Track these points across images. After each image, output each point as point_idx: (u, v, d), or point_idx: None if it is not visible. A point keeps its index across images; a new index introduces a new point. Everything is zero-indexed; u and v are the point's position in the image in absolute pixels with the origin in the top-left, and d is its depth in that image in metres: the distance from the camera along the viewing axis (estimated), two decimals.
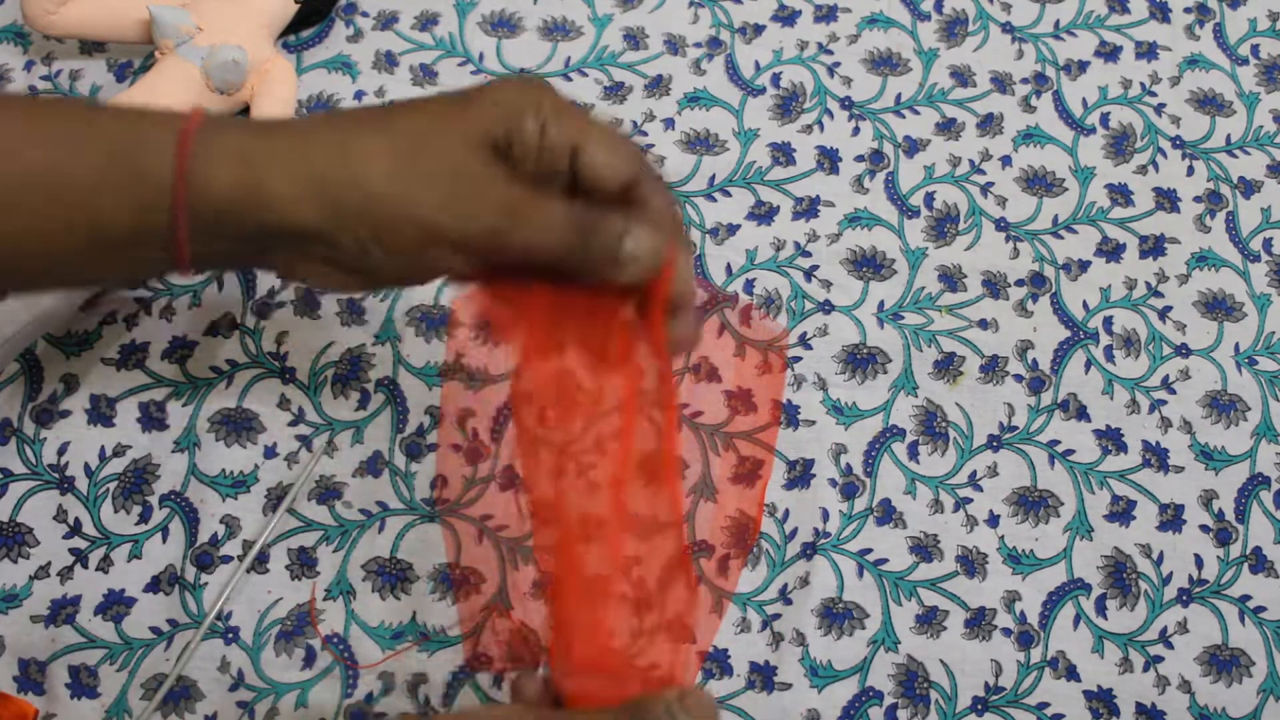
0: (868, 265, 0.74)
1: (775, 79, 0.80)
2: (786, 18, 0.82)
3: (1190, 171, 0.77)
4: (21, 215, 0.38)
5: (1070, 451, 0.69)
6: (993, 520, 0.68)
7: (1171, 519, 0.68)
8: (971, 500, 0.68)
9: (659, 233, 0.41)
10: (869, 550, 0.67)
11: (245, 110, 0.74)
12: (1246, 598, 0.67)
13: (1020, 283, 0.73)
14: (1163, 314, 0.73)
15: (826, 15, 0.82)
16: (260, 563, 0.65)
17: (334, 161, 0.38)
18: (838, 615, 0.66)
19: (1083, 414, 0.70)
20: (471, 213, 0.39)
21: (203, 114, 0.39)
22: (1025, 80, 0.80)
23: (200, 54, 0.70)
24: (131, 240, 0.39)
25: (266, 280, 0.72)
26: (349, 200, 0.38)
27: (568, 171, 0.42)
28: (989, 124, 0.78)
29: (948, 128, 0.78)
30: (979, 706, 0.64)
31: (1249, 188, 0.77)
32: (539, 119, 0.41)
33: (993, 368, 0.71)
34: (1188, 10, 0.83)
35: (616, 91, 0.79)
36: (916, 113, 0.79)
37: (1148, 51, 0.81)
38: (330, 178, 0.38)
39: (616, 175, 0.42)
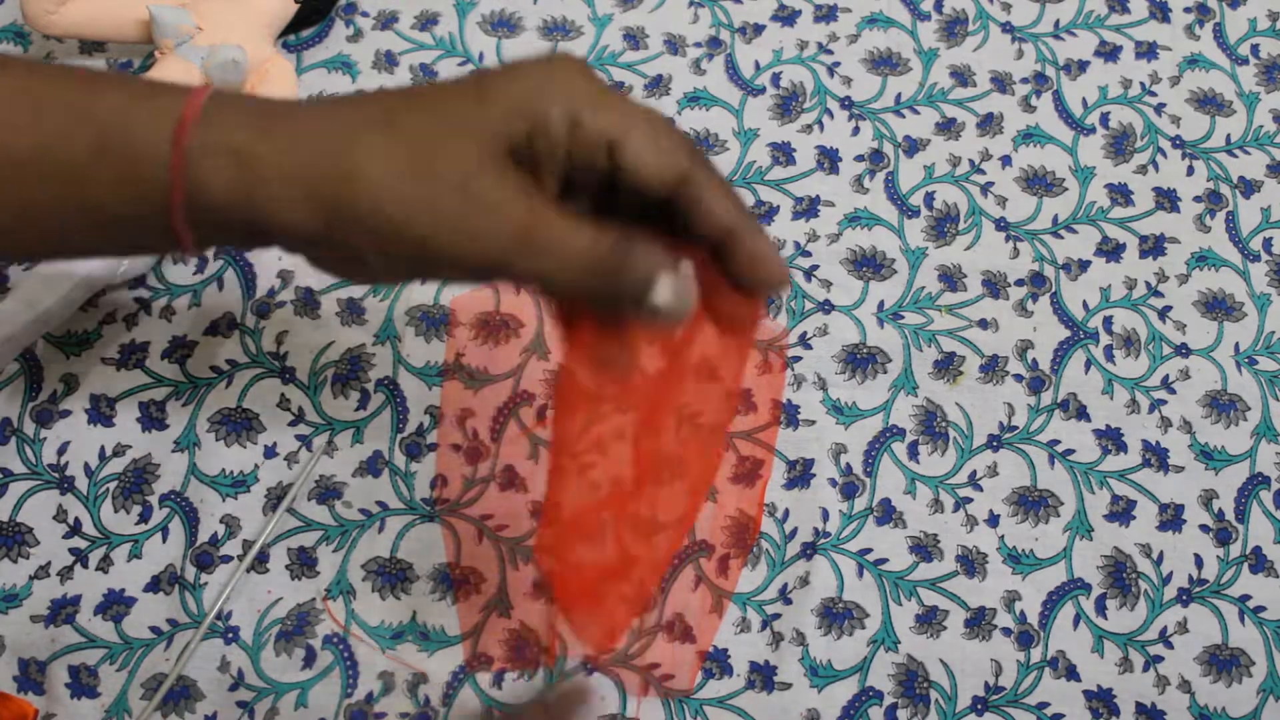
0: (868, 265, 0.74)
1: (775, 79, 0.80)
2: (786, 17, 0.82)
3: (1190, 171, 0.77)
4: (14, 190, 0.37)
5: (1070, 451, 0.69)
6: (993, 520, 0.68)
7: (1171, 519, 0.68)
8: (971, 500, 0.68)
9: (690, 280, 0.36)
10: (869, 550, 0.67)
11: None
12: (1246, 597, 0.67)
13: (1020, 282, 0.73)
14: (1163, 314, 0.73)
15: (826, 15, 0.82)
16: (260, 562, 0.65)
17: (331, 166, 0.35)
18: (838, 615, 0.66)
19: (1083, 414, 0.70)
20: (474, 237, 0.35)
21: (200, 102, 0.37)
22: (1025, 80, 0.80)
23: (200, 54, 0.70)
24: (129, 224, 0.38)
25: (266, 280, 0.72)
26: (345, 209, 0.35)
27: (606, 168, 0.37)
28: (989, 124, 0.78)
29: (948, 127, 0.78)
30: (979, 706, 0.64)
31: (1249, 187, 0.77)
32: (569, 113, 0.36)
33: (993, 367, 0.71)
34: (1188, 10, 0.83)
35: (617, 91, 0.79)
36: (916, 112, 0.79)
37: (1148, 51, 0.81)
38: (327, 184, 0.35)
39: (662, 175, 0.36)
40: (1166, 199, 0.76)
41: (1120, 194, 0.76)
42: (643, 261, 0.35)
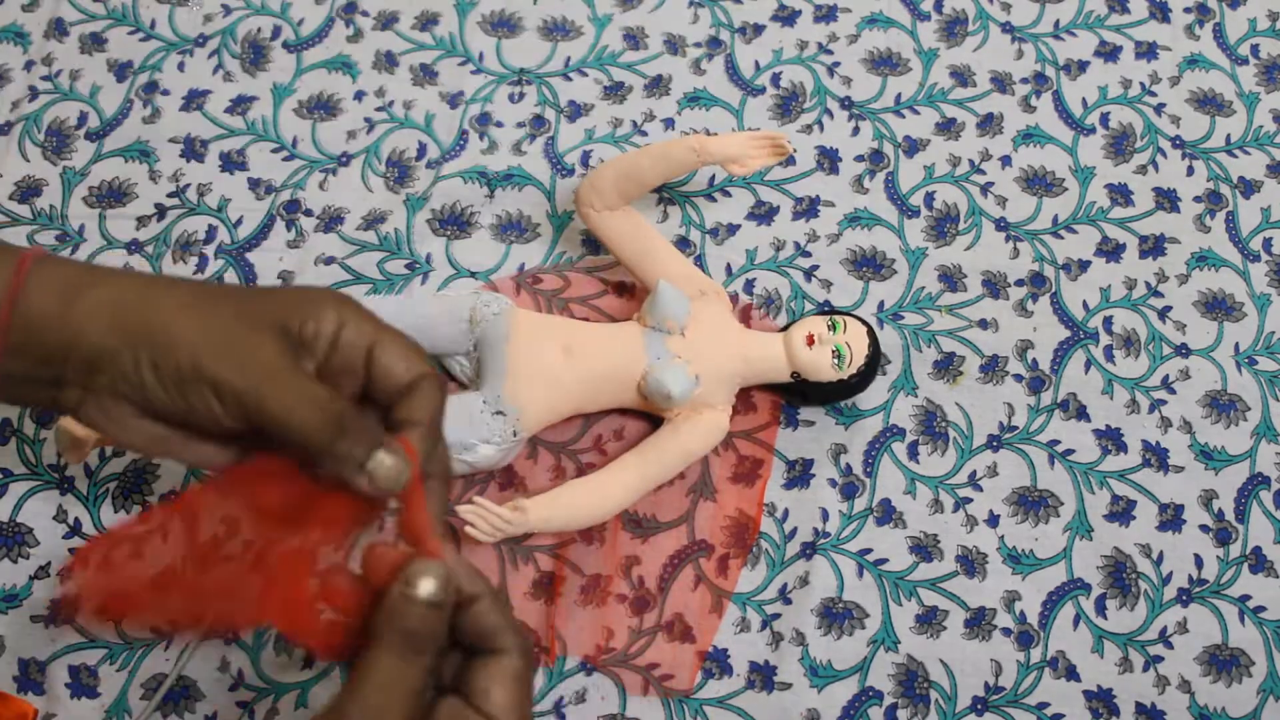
0: (868, 265, 0.74)
1: (775, 79, 0.80)
2: (786, 18, 0.82)
3: (1190, 171, 0.77)
4: None
5: (1070, 451, 0.69)
6: (993, 520, 0.68)
7: (1171, 519, 0.68)
8: (971, 500, 0.68)
9: (405, 462, 0.42)
10: (869, 550, 0.67)
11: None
12: (1246, 597, 0.67)
13: (1020, 282, 0.73)
14: (1163, 314, 0.73)
15: (826, 15, 0.82)
16: None
17: (135, 297, 0.43)
18: (838, 615, 0.66)
19: (1083, 414, 0.70)
20: (238, 363, 0.41)
21: (41, 250, 0.44)
22: (1025, 80, 0.80)
23: (659, 351, 0.65)
24: None
25: (267, 280, 0.72)
26: (137, 324, 0.42)
27: (361, 375, 0.44)
28: (989, 124, 0.78)
29: (948, 127, 0.78)
30: (979, 706, 0.64)
31: (1249, 187, 0.77)
32: (338, 318, 0.43)
33: (993, 367, 0.71)
34: (1187, 10, 0.83)
35: (616, 91, 0.79)
36: (916, 112, 0.79)
37: (1148, 51, 0.81)
38: (129, 308, 0.42)
39: (408, 372, 0.44)
40: (1166, 199, 0.76)
41: (1120, 194, 0.76)
42: (373, 430, 0.42)
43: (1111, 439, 0.70)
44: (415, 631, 0.39)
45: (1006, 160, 0.77)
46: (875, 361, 0.66)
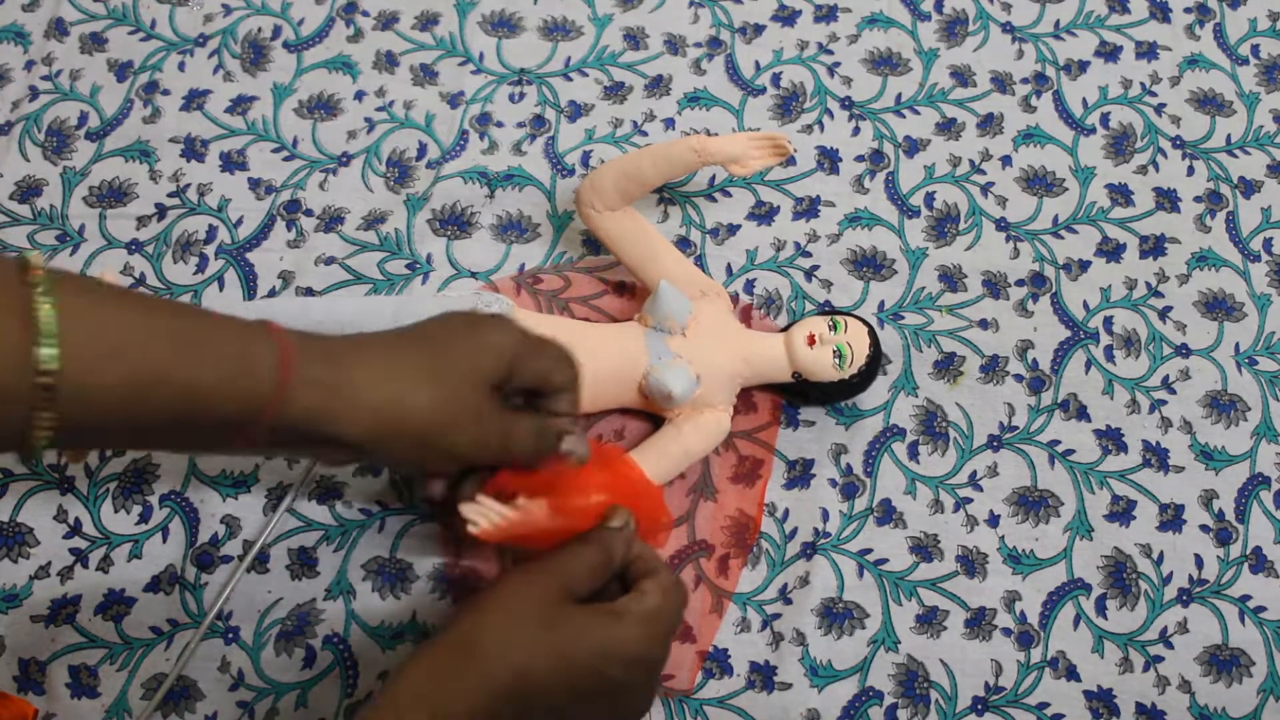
0: (868, 265, 0.74)
1: (775, 79, 0.80)
2: (786, 18, 0.82)
3: (1190, 171, 0.77)
4: (145, 408, 0.44)
5: (1070, 451, 0.69)
6: (993, 520, 0.68)
7: (1172, 519, 0.68)
8: (971, 500, 0.68)
9: (583, 436, 0.55)
10: (869, 550, 0.67)
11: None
12: (1247, 598, 0.67)
13: (1020, 283, 0.73)
14: (1163, 314, 0.73)
15: (827, 15, 0.82)
16: (260, 562, 0.65)
17: (390, 402, 0.49)
18: (838, 615, 0.66)
19: (1083, 414, 0.70)
20: (484, 443, 0.51)
21: (294, 341, 0.48)
22: (1025, 80, 0.80)
23: (660, 351, 0.65)
24: (219, 431, 0.47)
25: (267, 280, 0.72)
26: (396, 432, 0.49)
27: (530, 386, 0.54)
28: (989, 124, 0.78)
29: (948, 128, 0.78)
30: (979, 706, 0.64)
31: (1249, 187, 0.77)
32: (520, 359, 0.52)
33: (993, 368, 0.71)
34: (1188, 10, 0.83)
35: (617, 91, 0.79)
36: (917, 113, 0.79)
37: (1148, 51, 0.81)
38: (385, 414, 0.48)
39: (566, 384, 0.54)
40: (1167, 199, 0.76)
41: (1120, 194, 0.76)
42: (557, 424, 0.54)
43: (1112, 439, 0.70)
44: (610, 542, 0.52)
45: (1007, 160, 0.77)
46: (876, 361, 0.66)
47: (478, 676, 0.47)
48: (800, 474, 0.68)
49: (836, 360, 0.65)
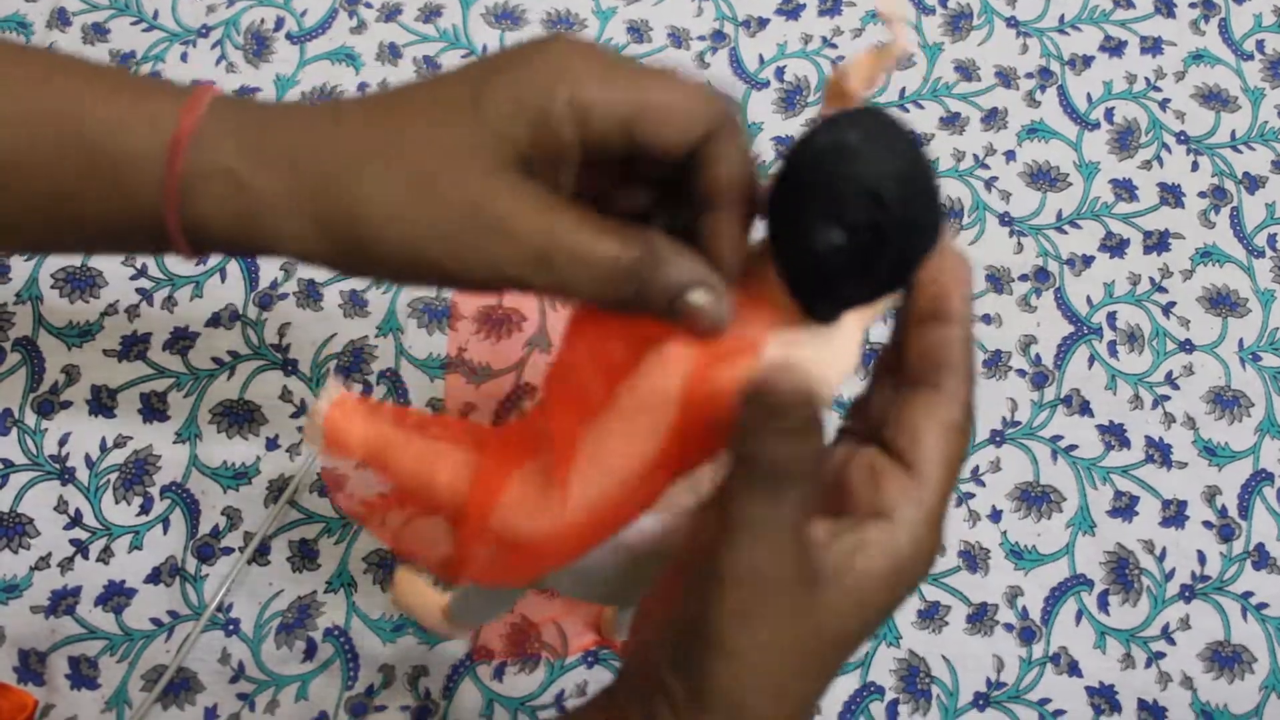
0: None
1: (779, 72, 0.79)
2: (791, 11, 0.81)
3: (1195, 167, 0.77)
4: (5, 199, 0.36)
5: (1073, 447, 0.69)
6: (995, 515, 0.68)
7: (1174, 515, 0.68)
8: (974, 495, 0.68)
9: (719, 294, 0.33)
10: None
11: None
12: (1249, 594, 0.66)
13: (1024, 278, 0.73)
14: (1166, 309, 0.73)
15: (831, 9, 0.82)
16: (261, 555, 0.65)
17: (335, 205, 0.34)
18: None
19: (1086, 409, 0.70)
20: (489, 264, 0.33)
21: (196, 117, 0.35)
22: (1030, 75, 0.80)
23: None
24: (123, 239, 0.37)
25: (269, 272, 0.72)
26: (353, 246, 0.34)
27: (624, 147, 0.34)
28: (993, 119, 0.78)
29: (952, 122, 0.78)
30: (980, 702, 0.64)
31: (1253, 183, 0.77)
32: (573, 102, 0.33)
33: (996, 363, 0.71)
34: (1193, 5, 0.83)
35: None
36: (921, 107, 0.78)
37: (1153, 46, 0.81)
38: (333, 222, 0.34)
39: (684, 142, 0.33)
40: (1171, 194, 0.76)
41: (1124, 189, 0.76)
42: (682, 262, 0.33)
43: (1114, 434, 0.70)
44: (780, 468, 0.30)
45: (1011, 155, 0.77)
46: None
47: None
48: None
49: None
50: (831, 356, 0.32)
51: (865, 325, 0.33)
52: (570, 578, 0.42)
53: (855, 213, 0.29)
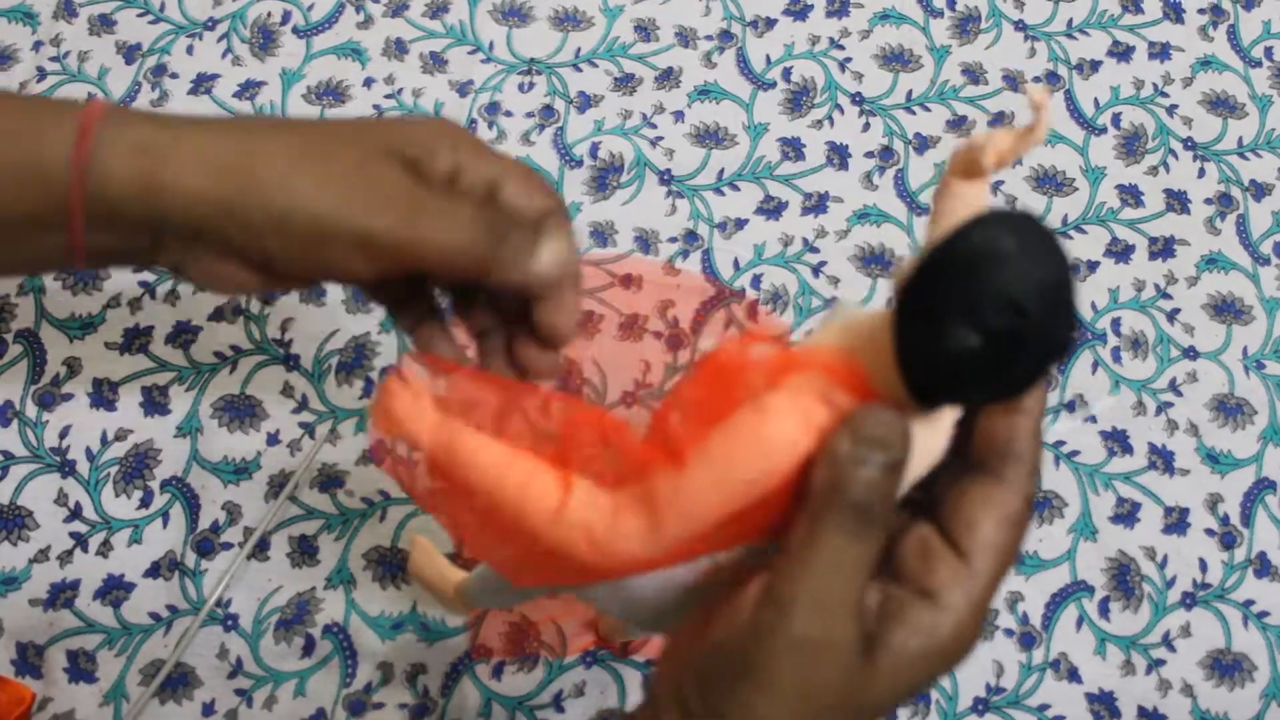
0: (876, 262, 0.73)
1: (786, 73, 0.79)
2: (798, 12, 0.81)
3: (1201, 173, 0.77)
4: None
5: (1075, 453, 0.69)
6: None
7: (1176, 522, 0.68)
8: None
9: (571, 241, 0.40)
10: None
11: None
12: (1250, 602, 0.66)
13: None
14: (1171, 316, 0.73)
15: (839, 10, 0.81)
16: (261, 550, 0.65)
17: (234, 153, 0.37)
18: None
19: (1089, 415, 0.70)
20: (371, 209, 0.37)
21: (104, 105, 0.38)
22: (1037, 78, 0.79)
23: None
24: (26, 227, 0.39)
25: None
26: (246, 190, 0.37)
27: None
28: (1000, 122, 0.78)
29: (958, 125, 0.78)
30: (980, 707, 0.64)
31: (1260, 191, 0.77)
32: (454, 153, 0.40)
33: None
34: (1201, 11, 0.82)
35: (627, 83, 0.78)
36: (927, 109, 0.78)
37: (1160, 52, 0.81)
38: (229, 167, 0.37)
39: (536, 207, 0.40)
40: (1177, 201, 0.76)
41: (1131, 195, 0.76)
42: (531, 223, 0.39)
43: (1117, 440, 0.69)
44: (866, 503, 0.30)
45: (1017, 159, 0.77)
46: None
47: None
48: None
49: None
50: (923, 443, 0.32)
51: (958, 414, 0.33)
52: (612, 596, 0.41)
53: (997, 319, 0.28)
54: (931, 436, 0.32)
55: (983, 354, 0.28)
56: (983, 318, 0.28)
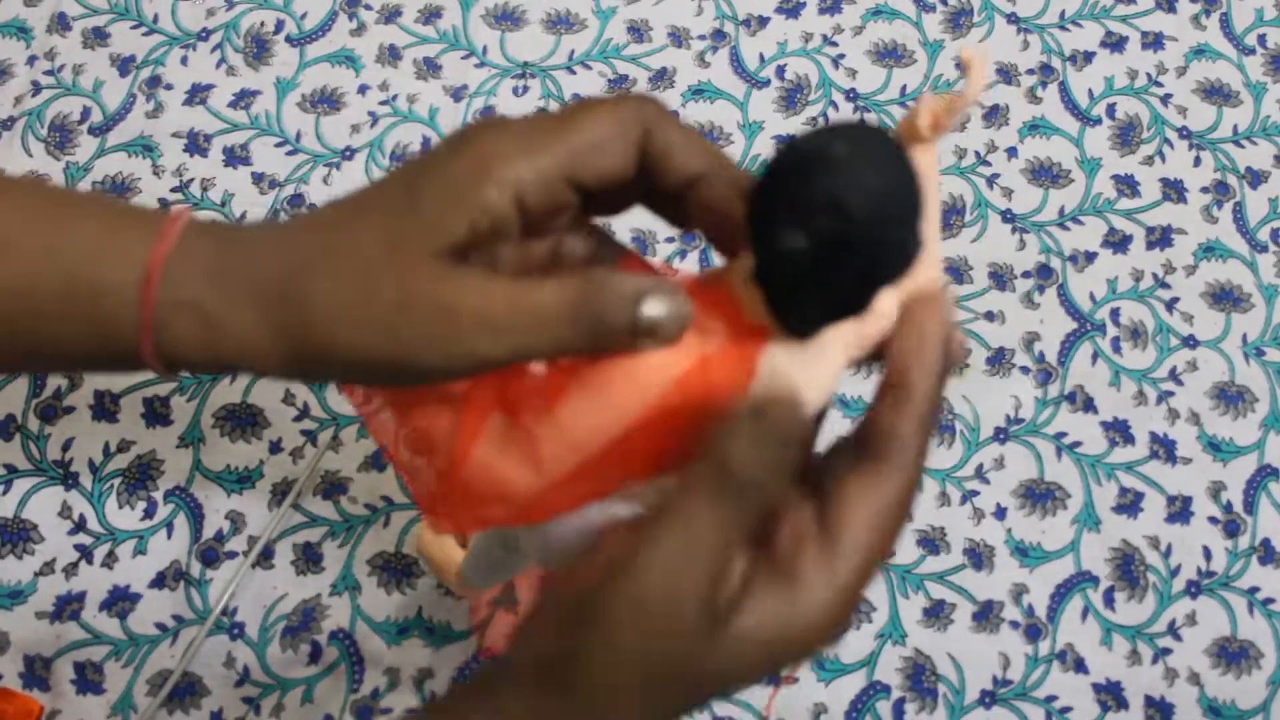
0: None
1: (780, 71, 0.79)
2: (791, 10, 0.81)
3: (1197, 162, 0.77)
4: None
5: (1078, 443, 0.69)
6: (1000, 513, 0.67)
7: (1179, 511, 0.68)
8: (978, 493, 0.68)
9: (679, 290, 0.32)
10: None
11: None
12: (1255, 589, 0.66)
13: (1027, 274, 0.73)
14: (1170, 305, 0.73)
15: (831, 7, 0.81)
16: (265, 558, 0.65)
17: (290, 313, 0.35)
18: None
19: (1090, 406, 0.70)
20: (434, 346, 0.33)
21: (165, 251, 0.36)
22: (1031, 71, 0.79)
23: None
24: (99, 362, 0.38)
25: None
26: (309, 349, 0.35)
27: (568, 201, 0.35)
28: (994, 115, 0.78)
29: None
30: (987, 700, 0.64)
31: (1256, 178, 0.76)
32: (504, 185, 0.34)
33: (999, 360, 0.71)
34: (1194, 0, 0.82)
35: (621, 85, 0.78)
36: None
37: (1154, 42, 0.81)
38: (290, 329, 0.35)
39: (625, 164, 0.34)
40: (1173, 190, 0.76)
41: (1127, 185, 0.76)
42: (620, 285, 0.32)
43: (1119, 431, 0.69)
44: (742, 478, 0.30)
45: (1013, 151, 0.77)
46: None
47: None
48: None
49: None
50: (811, 378, 0.32)
51: (849, 357, 0.33)
52: (538, 542, 0.42)
53: (820, 219, 0.29)
54: (815, 370, 0.32)
55: (810, 255, 0.29)
56: (808, 218, 0.29)
